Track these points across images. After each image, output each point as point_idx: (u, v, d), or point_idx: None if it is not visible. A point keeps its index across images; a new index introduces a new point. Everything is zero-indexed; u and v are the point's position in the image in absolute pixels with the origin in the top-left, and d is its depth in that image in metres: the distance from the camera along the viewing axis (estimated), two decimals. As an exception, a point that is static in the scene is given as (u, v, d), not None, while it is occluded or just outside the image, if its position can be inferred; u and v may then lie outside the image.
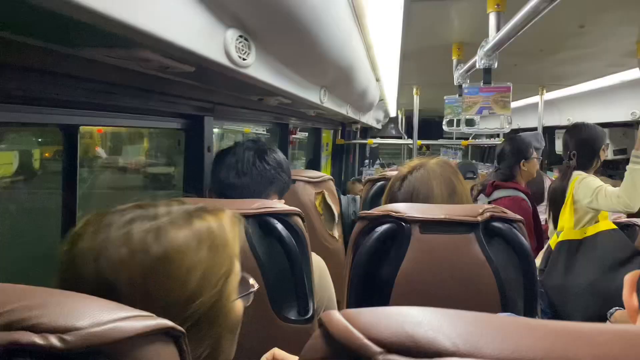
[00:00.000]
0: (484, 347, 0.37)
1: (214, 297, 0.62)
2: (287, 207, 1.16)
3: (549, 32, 2.03)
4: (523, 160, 2.60)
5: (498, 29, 1.47)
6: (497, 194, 2.57)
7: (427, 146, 6.88)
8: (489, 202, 2.53)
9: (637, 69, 2.41)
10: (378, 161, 6.56)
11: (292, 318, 1.16)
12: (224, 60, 0.92)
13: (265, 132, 5.45)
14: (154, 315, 0.49)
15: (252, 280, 0.71)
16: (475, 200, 2.66)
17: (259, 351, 1.20)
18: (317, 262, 1.34)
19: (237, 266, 0.68)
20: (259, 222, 1.14)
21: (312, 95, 1.88)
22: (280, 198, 1.36)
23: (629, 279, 0.72)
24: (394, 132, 8.85)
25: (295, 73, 1.54)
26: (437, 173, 1.24)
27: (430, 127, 6.95)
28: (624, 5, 1.65)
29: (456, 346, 0.37)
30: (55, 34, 0.83)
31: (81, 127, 1.31)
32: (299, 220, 1.18)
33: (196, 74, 1.25)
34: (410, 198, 1.22)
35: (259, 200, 1.18)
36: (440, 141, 6.20)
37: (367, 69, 2.50)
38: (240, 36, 0.96)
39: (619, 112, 3.40)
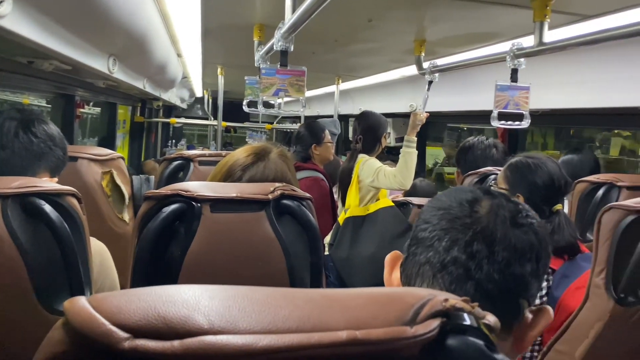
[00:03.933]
0: (240, 322, 0.35)
1: None
2: (57, 186, 1.01)
3: (342, 23, 2.16)
4: (315, 144, 2.77)
5: (293, 11, 1.50)
6: (299, 174, 2.70)
7: (235, 129, 6.90)
8: (294, 183, 2.65)
9: (415, 65, 2.73)
10: (182, 142, 6.34)
11: (65, 311, 1.03)
12: (-38, 4, 0.74)
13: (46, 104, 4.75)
14: None
15: None
16: None
17: (29, 352, 1.04)
18: (98, 247, 1.21)
19: None
20: (22, 204, 0.97)
21: (99, 63, 1.69)
22: (53, 177, 1.18)
23: (388, 259, 0.77)
24: (200, 112, 8.66)
25: (75, 35, 1.35)
26: (285, 167, 1.20)
27: (238, 109, 6.95)
28: (406, 4, 1.82)
29: (211, 323, 0.34)
30: None
31: None
32: (74, 201, 1.04)
33: None
34: None
35: (22, 177, 1.00)
36: (247, 124, 6.26)
37: (165, 41, 2.35)
38: (-12, -23, 0.79)
39: (400, 104, 3.84)
